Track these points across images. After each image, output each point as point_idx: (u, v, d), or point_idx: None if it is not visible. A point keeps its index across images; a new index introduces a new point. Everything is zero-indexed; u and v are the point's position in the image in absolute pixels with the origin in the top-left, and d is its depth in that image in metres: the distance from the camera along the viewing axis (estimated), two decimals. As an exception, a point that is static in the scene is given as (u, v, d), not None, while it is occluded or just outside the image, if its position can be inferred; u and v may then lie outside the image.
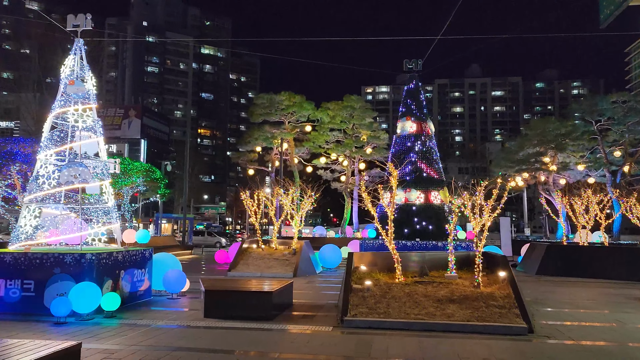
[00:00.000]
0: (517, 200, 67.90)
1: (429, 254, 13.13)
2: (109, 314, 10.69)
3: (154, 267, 13.64)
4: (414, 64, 26.48)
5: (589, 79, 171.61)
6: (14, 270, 11.03)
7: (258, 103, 38.73)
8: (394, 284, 11.03)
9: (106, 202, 12.64)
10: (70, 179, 11.73)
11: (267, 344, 8.46)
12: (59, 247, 12.47)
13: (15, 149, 20.94)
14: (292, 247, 20.84)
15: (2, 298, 11.00)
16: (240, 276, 18.59)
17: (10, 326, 9.60)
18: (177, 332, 9.27)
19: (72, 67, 12.80)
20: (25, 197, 12.22)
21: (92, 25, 12.92)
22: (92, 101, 12.86)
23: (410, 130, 25.53)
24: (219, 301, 10.67)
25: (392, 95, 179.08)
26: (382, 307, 10.09)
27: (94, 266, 10.99)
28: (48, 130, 12.54)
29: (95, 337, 8.83)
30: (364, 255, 12.59)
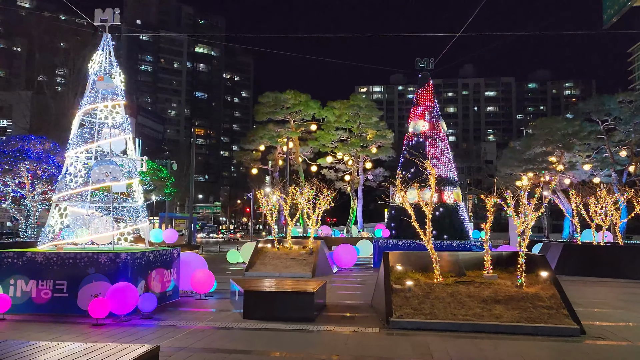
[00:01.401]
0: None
1: (462, 254, 13.01)
2: (146, 316, 10.44)
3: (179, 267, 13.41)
4: (426, 63, 26.38)
5: (581, 80, 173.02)
6: (45, 271, 10.74)
7: (263, 102, 38.43)
8: (435, 284, 10.88)
9: (136, 200, 12.36)
10: (102, 177, 11.45)
11: (321, 346, 8.27)
12: (91, 246, 12.17)
13: (26, 147, 20.52)
14: (308, 247, 20.63)
15: (33, 299, 10.70)
16: (258, 276, 18.36)
17: (48, 328, 9.32)
18: (223, 334, 9.04)
19: (100, 63, 12.50)
20: (54, 196, 11.91)
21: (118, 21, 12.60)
22: (121, 97, 12.58)
23: (422, 129, 25.42)
24: (258, 302, 10.45)
25: (386, 95, 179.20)
26: (427, 307, 9.95)
27: (129, 266, 10.73)
28: (77, 127, 12.23)
29: (140, 339, 8.58)
30: (398, 255, 12.42)
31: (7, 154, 20.03)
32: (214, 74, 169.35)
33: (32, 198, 21.74)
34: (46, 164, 20.86)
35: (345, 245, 22.31)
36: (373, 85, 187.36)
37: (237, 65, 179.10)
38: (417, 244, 22.82)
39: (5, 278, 10.75)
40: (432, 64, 26.43)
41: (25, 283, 10.74)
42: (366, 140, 38.10)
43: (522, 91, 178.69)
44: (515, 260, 12.67)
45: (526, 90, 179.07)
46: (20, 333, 8.86)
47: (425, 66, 26.42)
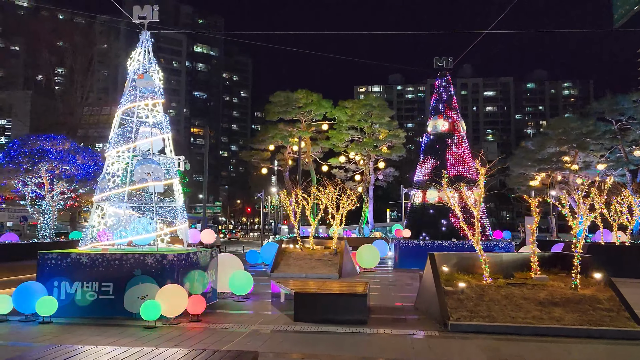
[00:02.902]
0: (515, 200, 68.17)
1: (506, 255, 12.85)
2: (195, 318, 10.22)
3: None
4: (445, 62, 26.23)
5: (579, 80, 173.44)
6: (90, 272, 10.52)
7: (274, 101, 38.18)
8: (486, 285, 10.72)
9: (176, 200, 12.14)
10: (144, 177, 11.23)
11: (389, 350, 8.09)
12: (136, 247, 11.95)
13: (47, 146, 20.22)
14: (332, 247, 20.44)
15: (78, 301, 10.47)
16: (284, 277, 18.13)
17: (101, 331, 9.10)
18: (281, 337, 8.84)
19: (139, 61, 12.27)
20: (94, 196, 11.67)
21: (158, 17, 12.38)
22: (160, 95, 12.35)
23: (442, 128, 25.27)
24: (310, 304, 10.26)
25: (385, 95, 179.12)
26: (483, 310, 9.78)
27: (175, 267, 10.52)
28: (117, 126, 12.00)
29: (200, 342, 8.38)
30: (442, 256, 12.23)
31: (28, 154, 19.75)
32: (213, 73, 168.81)
33: (50, 198, 21.44)
34: (66, 163, 20.58)
35: (367, 246, 22.13)
36: (372, 86, 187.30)
37: (235, 65, 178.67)
38: (439, 244, 22.70)
39: (49, 280, 10.53)
40: (451, 63, 26.27)
41: (69, 285, 10.52)
42: (378, 140, 37.92)
43: (521, 91, 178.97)
44: (558, 261, 12.60)
45: (524, 90, 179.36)
46: (76, 337, 8.64)
47: (444, 65, 26.26)
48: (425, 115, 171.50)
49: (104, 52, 47.30)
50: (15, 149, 20.38)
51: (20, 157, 19.76)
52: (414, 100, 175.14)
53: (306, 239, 21.63)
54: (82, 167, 21.24)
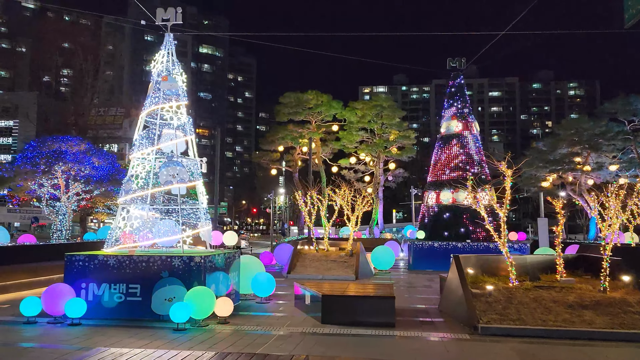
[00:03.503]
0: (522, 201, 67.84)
1: (530, 257, 12.79)
2: (222, 320, 10.22)
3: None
4: (458, 63, 26.17)
5: (585, 80, 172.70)
6: (118, 274, 10.53)
7: (284, 102, 38.20)
8: (514, 288, 10.67)
9: (201, 202, 12.15)
10: (169, 179, 11.25)
11: (425, 353, 8.07)
12: (162, 249, 11.96)
13: (63, 148, 20.27)
14: (347, 249, 20.43)
15: (106, 303, 10.49)
16: (301, 278, 18.12)
17: (132, 333, 9.10)
18: (313, 340, 8.80)
19: (162, 63, 12.29)
20: (119, 198, 11.69)
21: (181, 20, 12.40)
22: (184, 97, 12.36)
23: (455, 129, 25.19)
24: (337, 307, 10.23)
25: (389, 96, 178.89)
26: (513, 313, 9.74)
27: (202, 269, 10.52)
28: (141, 128, 12.02)
29: (232, 345, 8.37)
30: (466, 258, 12.18)
31: (45, 155, 19.83)
32: (218, 74, 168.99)
33: (66, 199, 21.51)
34: (82, 164, 20.65)
35: (382, 247, 22.09)
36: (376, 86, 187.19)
37: (240, 66, 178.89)
38: (453, 245, 22.65)
39: (77, 281, 10.54)
40: (464, 64, 26.22)
41: (97, 286, 10.53)
42: (388, 141, 37.86)
43: (526, 91, 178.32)
44: (581, 263, 12.53)
45: (530, 91, 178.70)
46: (108, 339, 8.64)
47: (458, 66, 26.21)
48: (431, 116, 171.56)
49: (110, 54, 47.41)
50: (31, 150, 20.48)
51: (37, 159, 19.86)
52: (419, 101, 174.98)
53: (320, 240, 21.63)
54: (97, 168, 21.31)
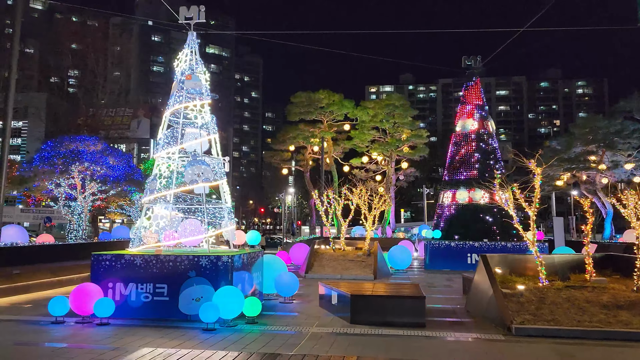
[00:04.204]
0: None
1: (558, 257, 12.63)
2: (250, 320, 10.14)
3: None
4: (473, 61, 25.98)
5: (593, 79, 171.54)
6: (145, 274, 10.47)
7: (296, 101, 38.11)
8: (545, 288, 10.52)
9: (225, 201, 12.08)
10: (194, 178, 11.18)
11: (462, 354, 7.94)
12: (189, 249, 11.91)
13: (80, 148, 20.29)
14: (364, 248, 20.32)
15: (132, 302, 10.44)
16: (319, 278, 18.03)
17: (163, 333, 9.03)
18: (347, 340, 8.69)
19: (186, 61, 12.23)
20: (144, 198, 11.64)
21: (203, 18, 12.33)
22: (207, 96, 12.29)
23: (471, 128, 25.01)
24: (366, 307, 10.13)
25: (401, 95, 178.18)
26: (547, 313, 9.60)
27: (230, 269, 10.45)
28: (165, 127, 11.96)
29: (266, 345, 8.28)
30: (491, 258, 12.03)
31: (62, 155, 19.84)
32: (224, 74, 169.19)
33: (82, 199, 21.52)
34: (99, 164, 20.66)
35: (399, 247, 21.96)
36: (383, 85, 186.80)
37: (246, 66, 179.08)
38: (470, 245, 22.48)
39: (103, 281, 10.49)
40: (480, 62, 26.03)
41: (124, 286, 10.48)
42: (400, 140, 37.69)
43: (534, 90, 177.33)
44: (609, 263, 12.36)
45: (537, 89, 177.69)
46: (139, 339, 8.57)
47: (473, 64, 26.02)
48: (437, 115, 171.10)
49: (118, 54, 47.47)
50: (48, 150, 20.51)
51: (55, 159, 19.88)
52: (426, 100, 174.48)
53: (337, 240, 21.53)
54: (113, 168, 21.32)
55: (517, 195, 11.42)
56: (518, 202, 11.50)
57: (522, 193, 11.68)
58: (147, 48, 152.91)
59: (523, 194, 11.46)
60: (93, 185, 21.30)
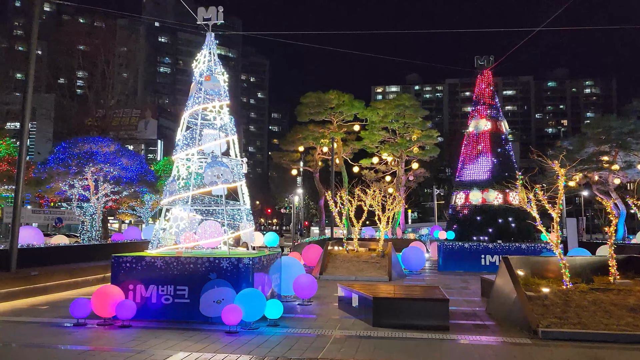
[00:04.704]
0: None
1: (579, 258, 12.47)
2: (272, 323, 10.07)
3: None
4: (486, 61, 25.83)
5: (601, 78, 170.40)
6: (165, 276, 10.43)
7: (306, 102, 38.04)
8: (569, 291, 10.38)
9: (244, 203, 12.02)
10: (214, 179, 11.13)
11: (495, 359, 7.83)
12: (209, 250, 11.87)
13: (94, 149, 20.32)
14: (378, 250, 20.21)
15: (153, 304, 10.39)
16: (333, 279, 17.99)
17: (186, 336, 8.97)
18: (371, 344, 8.60)
19: (204, 62, 12.19)
20: (163, 200, 11.60)
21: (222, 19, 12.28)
22: (225, 97, 12.25)
23: (484, 128, 24.85)
24: (389, 309, 10.04)
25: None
26: (573, 317, 9.46)
27: (250, 271, 10.39)
28: (184, 129, 11.92)
29: (292, 349, 8.21)
30: (514, 260, 11.89)
31: (76, 156, 19.87)
32: (231, 75, 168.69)
33: (96, 200, 21.55)
34: (112, 165, 20.68)
35: (413, 248, 21.83)
36: (389, 86, 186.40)
37: (252, 67, 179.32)
38: (484, 246, 22.32)
39: (124, 283, 10.46)
40: (492, 62, 25.87)
41: (145, 288, 10.44)
42: (410, 141, 37.53)
43: (541, 90, 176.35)
44: (631, 265, 12.18)
45: (545, 89, 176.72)
46: (164, 342, 8.52)
47: (485, 64, 25.87)
48: (444, 116, 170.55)
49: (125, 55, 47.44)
50: (62, 152, 20.55)
51: (69, 160, 19.91)
52: (432, 100, 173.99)
53: (349, 241, 21.43)
54: (127, 169, 21.33)
55: (540, 196, 11.26)
56: (541, 204, 11.33)
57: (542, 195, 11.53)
58: (154, 49, 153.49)
59: (546, 195, 11.31)
60: (106, 186, 21.32)
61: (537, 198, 11.22)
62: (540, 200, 11.25)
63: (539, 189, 11.58)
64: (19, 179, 13.18)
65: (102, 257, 18.26)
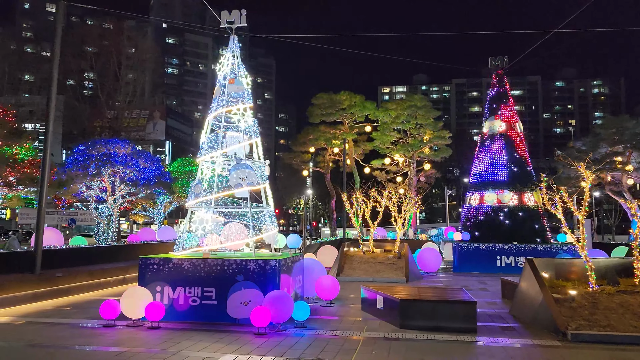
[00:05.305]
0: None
1: (603, 260, 12.43)
2: (299, 324, 10.13)
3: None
4: (500, 61, 25.78)
5: (609, 78, 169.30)
6: (192, 277, 10.51)
7: (317, 103, 38.12)
8: (596, 293, 10.36)
9: (268, 205, 12.08)
10: (239, 182, 11.20)
11: (522, 360, 7.85)
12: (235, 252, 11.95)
13: (111, 150, 20.46)
14: (394, 251, 20.23)
15: (180, 306, 10.48)
16: (351, 280, 18.05)
17: (216, 338, 9.04)
18: (402, 345, 8.64)
19: (228, 65, 12.27)
20: (188, 202, 11.69)
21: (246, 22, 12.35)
22: (249, 100, 12.32)
23: (499, 129, 24.79)
24: (416, 312, 10.06)
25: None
26: (601, 319, 9.45)
27: (277, 273, 10.44)
28: (208, 132, 12.00)
29: (324, 351, 8.25)
30: (538, 262, 11.87)
31: (94, 158, 20.04)
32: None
33: (112, 202, 21.70)
34: (129, 167, 20.82)
35: (429, 249, 21.82)
36: (396, 86, 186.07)
37: (259, 67, 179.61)
38: (500, 247, 22.27)
39: (151, 284, 10.55)
40: (507, 63, 25.81)
41: (172, 290, 10.53)
42: (422, 141, 37.50)
43: (549, 90, 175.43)
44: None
45: (553, 89, 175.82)
46: (195, 343, 8.60)
47: (500, 65, 25.82)
48: (451, 116, 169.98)
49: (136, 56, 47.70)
50: (81, 154, 20.72)
51: (87, 162, 20.07)
52: (439, 101, 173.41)
53: (365, 242, 21.45)
54: (143, 170, 21.47)
55: (565, 198, 11.24)
56: (567, 206, 11.31)
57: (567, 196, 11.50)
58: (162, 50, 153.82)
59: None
60: (123, 188, 21.46)
61: (563, 200, 11.20)
62: (566, 202, 11.24)
63: (564, 190, 11.57)
64: (43, 181, 13.32)
65: (121, 259, 18.43)
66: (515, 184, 23.71)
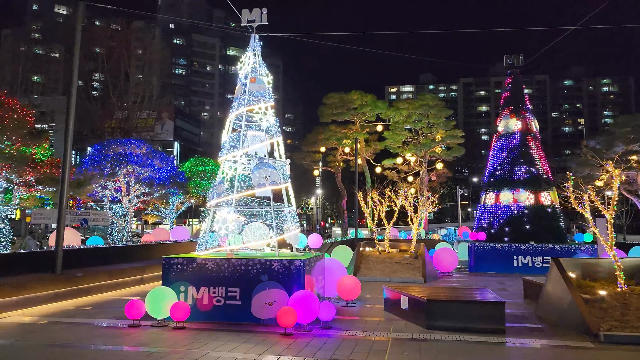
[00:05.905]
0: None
1: (629, 261, 12.24)
2: (325, 325, 10.04)
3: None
4: (515, 60, 25.56)
5: (618, 77, 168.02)
6: (217, 278, 10.45)
7: (328, 103, 38.05)
8: (626, 293, 10.20)
9: (290, 204, 12.01)
10: (262, 181, 11.13)
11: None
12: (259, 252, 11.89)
13: (127, 151, 20.50)
14: (410, 250, 20.10)
15: (204, 306, 10.42)
16: (368, 280, 17.93)
17: (243, 338, 8.97)
18: (432, 346, 8.52)
19: (250, 64, 12.21)
20: (210, 201, 11.63)
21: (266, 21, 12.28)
22: (270, 99, 12.25)
23: (514, 128, 24.56)
24: (443, 312, 9.95)
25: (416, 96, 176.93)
26: (633, 320, 9.30)
27: (301, 273, 10.36)
28: (230, 131, 11.95)
29: (354, 352, 8.16)
30: (565, 262, 11.72)
31: (110, 158, 20.08)
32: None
33: (127, 201, 21.74)
34: (144, 167, 20.84)
35: (445, 249, 21.67)
36: (403, 86, 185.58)
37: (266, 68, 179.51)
38: (517, 247, 22.07)
39: (175, 284, 10.50)
40: (522, 61, 25.59)
41: (196, 290, 10.48)
42: (434, 141, 37.33)
43: (557, 89, 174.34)
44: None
45: (561, 88, 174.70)
46: (223, 344, 8.53)
47: (515, 63, 25.60)
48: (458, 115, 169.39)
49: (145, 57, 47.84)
50: (97, 154, 20.77)
51: (103, 162, 20.12)
52: (447, 100, 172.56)
53: (380, 242, 21.34)
54: (158, 170, 21.48)
55: (592, 197, 11.08)
56: (594, 205, 11.15)
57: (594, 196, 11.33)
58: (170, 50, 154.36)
59: (598, 197, 11.12)
60: (138, 188, 21.48)
61: (591, 199, 11.05)
62: (594, 201, 11.09)
63: (591, 189, 11.40)
64: (64, 181, 13.32)
65: (137, 259, 18.42)
66: (532, 183, 23.49)
